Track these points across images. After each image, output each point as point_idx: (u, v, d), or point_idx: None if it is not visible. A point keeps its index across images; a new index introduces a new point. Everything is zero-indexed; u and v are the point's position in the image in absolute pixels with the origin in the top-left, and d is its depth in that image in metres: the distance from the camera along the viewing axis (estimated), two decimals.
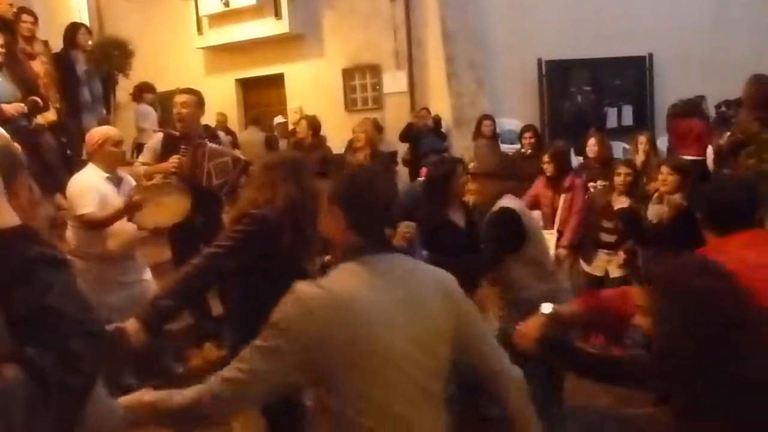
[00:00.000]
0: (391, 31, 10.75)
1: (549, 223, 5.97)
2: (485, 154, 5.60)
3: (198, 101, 5.00)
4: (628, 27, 10.20)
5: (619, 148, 9.70)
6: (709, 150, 6.55)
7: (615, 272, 5.52)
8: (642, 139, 6.99)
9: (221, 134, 5.46)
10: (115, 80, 7.89)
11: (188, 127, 4.92)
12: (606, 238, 5.63)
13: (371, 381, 1.87)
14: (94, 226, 4.25)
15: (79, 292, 1.67)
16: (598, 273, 5.64)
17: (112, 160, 4.40)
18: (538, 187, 6.13)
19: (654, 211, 5.15)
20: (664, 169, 5.09)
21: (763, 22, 10.23)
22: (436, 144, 9.04)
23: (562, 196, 5.92)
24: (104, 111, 7.54)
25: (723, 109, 8.80)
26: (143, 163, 4.98)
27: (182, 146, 4.79)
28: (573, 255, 5.91)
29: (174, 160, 4.73)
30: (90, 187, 4.28)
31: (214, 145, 4.93)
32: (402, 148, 9.47)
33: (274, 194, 3.17)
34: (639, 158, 7.00)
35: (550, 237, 5.69)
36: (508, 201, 3.82)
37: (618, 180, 5.52)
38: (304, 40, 11.50)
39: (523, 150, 7.63)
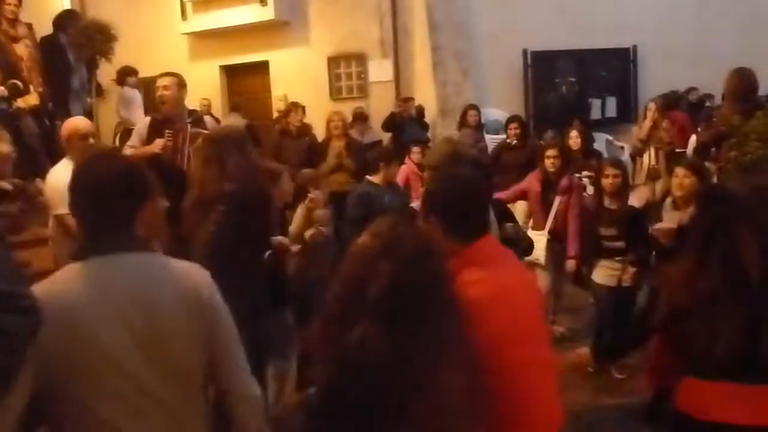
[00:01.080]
0: (376, 19, 10.71)
1: (538, 223, 5.54)
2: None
3: (179, 83, 4.94)
4: (613, 19, 10.27)
5: (602, 139, 9.77)
6: (692, 140, 6.60)
7: (628, 281, 4.80)
8: (652, 105, 6.98)
9: (207, 119, 5.41)
10: (96, 65, 7.79)
11: (172, 109, 4.88)
12: (611, 245, 4.90)
13: (90, 389, 1.75)
14: (67, 229, 4.11)
15: (13, 266, 1.62)
16: (611, 283, 4.89)
17: (82, 153, 4.29)
18: (531, 181, 5.58)
19: (669, 220, 4.38)
20: (680, 170, 4.36)
21: (746, 16, 10.33)
22: (418, 133, 9.02)
23: (558, 198, 5.41)
24: (88, 98, 7.48)
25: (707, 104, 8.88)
26: (130, 147, 4.96)
27: (167, 131, 4.76)
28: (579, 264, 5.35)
29: (159, 142, 4.72)
30: (62, 186, 4.16)
31: (193, 130, 4.88)
32: (387, 138, 9.46)
33: (221, 168, 3.21)
34: (646, 125, 7.01)
35: (538, 238, 5.29)
36: None
37: (606, 182, 4.87)
38: (289, 27, 11.44)
39: (508, 140, 7.64)
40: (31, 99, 6.16)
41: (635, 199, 4.69)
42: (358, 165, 7.36)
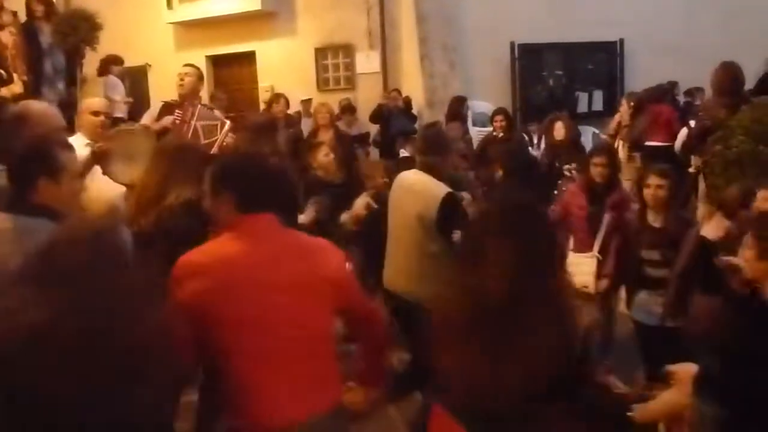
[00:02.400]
0: (364, 10, 10.67)
1: (583, 244, 4.51)
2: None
3: (199, 75, 5.28)
4: (600, 12, 10.30)
5: (588, 133, 9.81)
6: (682, 133, 6.65)
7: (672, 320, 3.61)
8: (623, 102, 7.05)
9: (217, 113, 5.60)
10: (82, 53, 7.71)
11: (188, 93, 5.11)
12: (652, 272, 3.98)
13: None
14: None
15: None
16: (651, 321, 3.90)
17: (92, 127, 4.41)
18: (574, 193, 4.75)
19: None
20: (764, 193, 3.22)
21: (733, 10, 10.37)
22: (406, 125, 9.02)
23: (607, 215, 4.43)
24: (63, 85, 7.40)
25: (687, 99, 8.96)
26: (140, 125, 5.14)
27: (177, 110, 4.97)
28: (612, 290, 4.53)
29: (167, 119, 4.91)
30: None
31: (204, 109, 5.16)
32: (375, 130, 9.45)
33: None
34: (615, 120, 7.10)
35: (585, 261, 4.42)
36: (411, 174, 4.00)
37: (647, 193, 4.00)
38: (276, 17, 11.37)
39: (494, 133, 7.65)
40: (15, 87, 6.11)
41: (710, 229, 3.27)
42: (344, 156, 7.35)
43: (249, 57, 11.89)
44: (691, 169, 6.40)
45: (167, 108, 5.12)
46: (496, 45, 10.35)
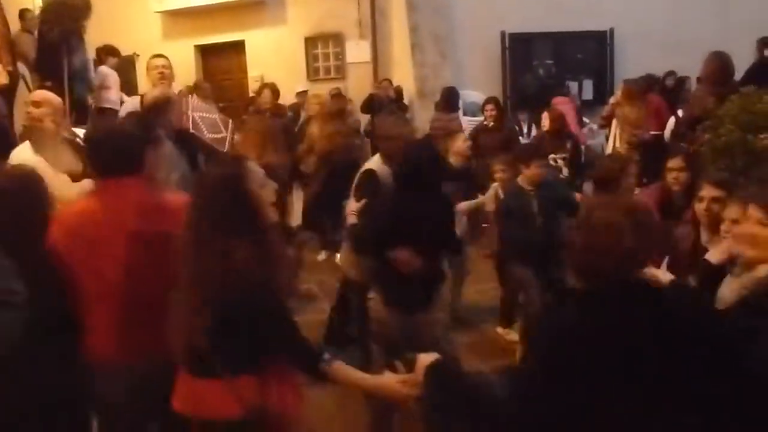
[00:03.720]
0: None
1: (653, 263, 3.21)
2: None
3: (171, 66, 5.34)
4: (590, 1, 10.31)
5: None
6: (670, 122, 6.66)
7: None
8: (621, 86, 7.11)
9: (204, 104, 5.60)
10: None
11: (168, 87, 5.07)
12: None
13: None
14: None
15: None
16: None
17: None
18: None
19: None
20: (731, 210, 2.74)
21: (723, 0, 10.39)
22: None
23: (679, 230, 3.43)
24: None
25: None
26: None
27: None
28: None
29: None
30: None
31: (196, 101, 5.21)
32: (365, 120, 9.41)
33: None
34: (610, 102, 7.12)
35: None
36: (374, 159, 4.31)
37: (699, 208, 3.17)
38: (265, 6, 11.30)
39: (485, 122, 7.64)
40: (1, 78, 6.04)
41: (716, 251, 2.78)
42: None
43: (238, 46, 11.82)
44: None
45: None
46: (487, 34, 10.32)
